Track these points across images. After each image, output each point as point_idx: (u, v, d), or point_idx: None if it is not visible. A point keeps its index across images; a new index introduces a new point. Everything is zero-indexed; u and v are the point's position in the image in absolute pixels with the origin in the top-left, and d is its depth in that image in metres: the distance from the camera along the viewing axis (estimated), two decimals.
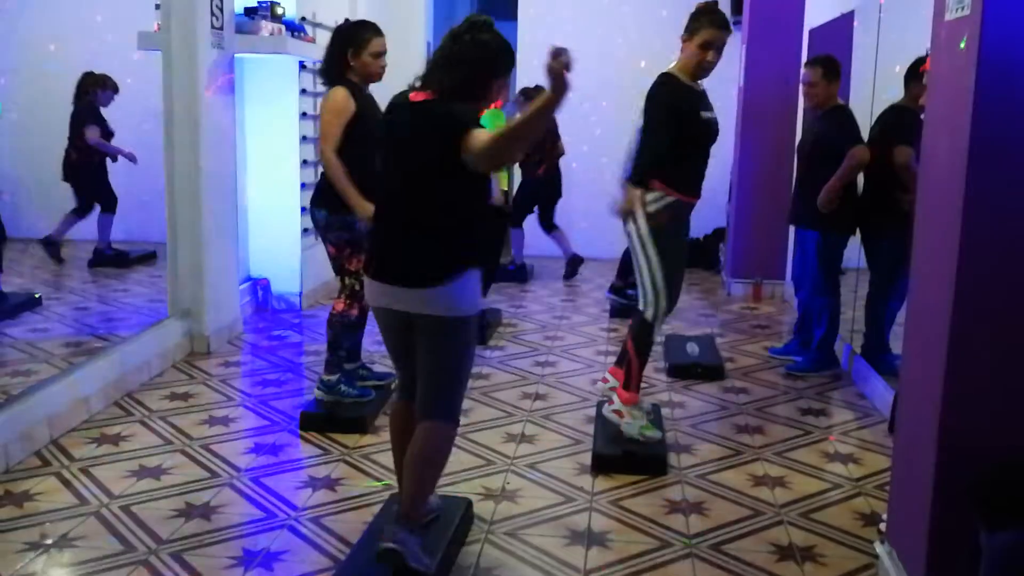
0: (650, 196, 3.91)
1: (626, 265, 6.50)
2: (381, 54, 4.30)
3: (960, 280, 2.57)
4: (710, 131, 4.03)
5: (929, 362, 2.73)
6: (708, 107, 4.05)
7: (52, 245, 6.71)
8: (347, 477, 3.79)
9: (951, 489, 2.63)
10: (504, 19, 10.72)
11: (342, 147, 4.14)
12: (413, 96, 2.90)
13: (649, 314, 4.01)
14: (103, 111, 6.69)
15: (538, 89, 7.39)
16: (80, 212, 6.74)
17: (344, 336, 4.47)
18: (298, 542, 3.24)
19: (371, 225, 3.12)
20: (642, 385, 4.20)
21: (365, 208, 3.92)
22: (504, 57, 2.86)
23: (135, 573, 3.00)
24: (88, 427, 4.25)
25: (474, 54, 2.80)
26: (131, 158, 6.69)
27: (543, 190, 7.92)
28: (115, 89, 6.63)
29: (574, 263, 8.10)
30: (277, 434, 4.26)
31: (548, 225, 8.04)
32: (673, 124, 3.91)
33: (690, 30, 4.01)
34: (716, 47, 3.95)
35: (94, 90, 6.61)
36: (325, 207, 4.26)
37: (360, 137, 4.11)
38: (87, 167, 6.70)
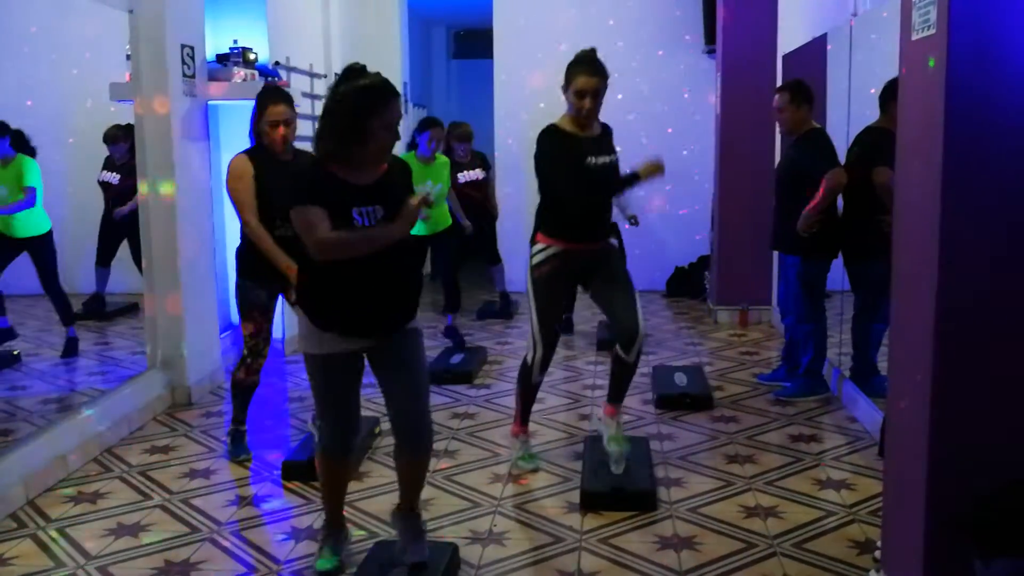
0: (533, 248, 4.09)
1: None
2: (277, 123, 4.17)
3: (940, 300, 2.53)
4: (593, 177, 3.98)
5: (915, 385, 2.69)
6: (598, 152, 4.03)
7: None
8: None
9: (944, 515, 2.58)
10: (480, 57, 10.79)
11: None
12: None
13: (528, 358, 4.18)
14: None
15: (459, 126, 7.46)
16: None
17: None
18: None
19: (315, 283, 3.07)
20: (526, 420, 4.38)
21: (292, 269, 3.71)
22: (361, 100, 2.91)
23: None
24: (65, 485, 4.16)
25: (331, 103, 2.96)
26: None
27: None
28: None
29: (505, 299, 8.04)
30: (259, 484, 4.18)
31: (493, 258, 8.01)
32: (548, 174, 4.01)
33: (566, 79, 4.04)
34: (590, 94, 3.94)
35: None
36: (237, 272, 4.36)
37: (261, 201, 4.13)
38: None
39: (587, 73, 3.97)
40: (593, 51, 4.09)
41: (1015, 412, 2.57)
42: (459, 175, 7.26)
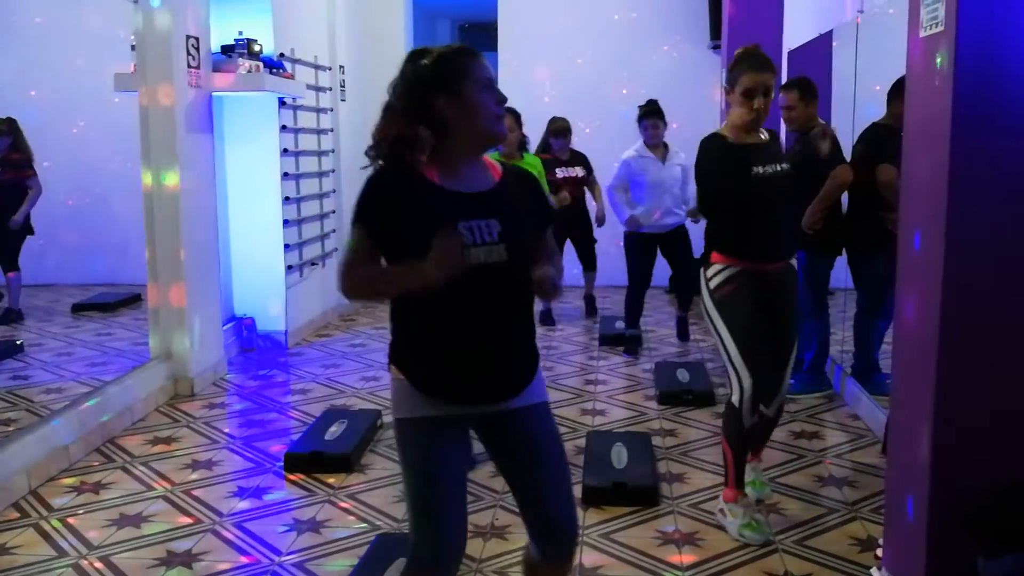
0: (710, 271, 3.57)
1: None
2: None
3: (945, 298, 2.53)
4: (764, 188, 3.48)
5: (918, 383, 2.69)
6: (765, 161, 3.52)
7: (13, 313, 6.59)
8: (332, 519, 3.71)
9: (946, 513, 2.58)
10: (485, 50, 10.79)
11: None
12: None
13: (734, 398, 3.51)
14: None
15: (556, 121, 7.22)
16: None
17: None
18: None
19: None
20: (741, 481, 3.64)
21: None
22: (423, 73, 2.24)
23: None
24: (68, 475, 4.16)
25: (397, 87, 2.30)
26: None
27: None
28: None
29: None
30: (262, 476, 4.18)
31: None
32: (707, 189, 3.56)
33: (730, 80, 3.55)
34: (761, 92, 3.44)
35: None
36: None
37: None
38: None
39: (755, 68, 3.45)
40: (756, 46, 3.60)
41: (1018, 410, 2.57)
42: (557, 170, 7.05)
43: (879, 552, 3.19)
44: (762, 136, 3.59)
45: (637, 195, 6.36)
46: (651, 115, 6.29)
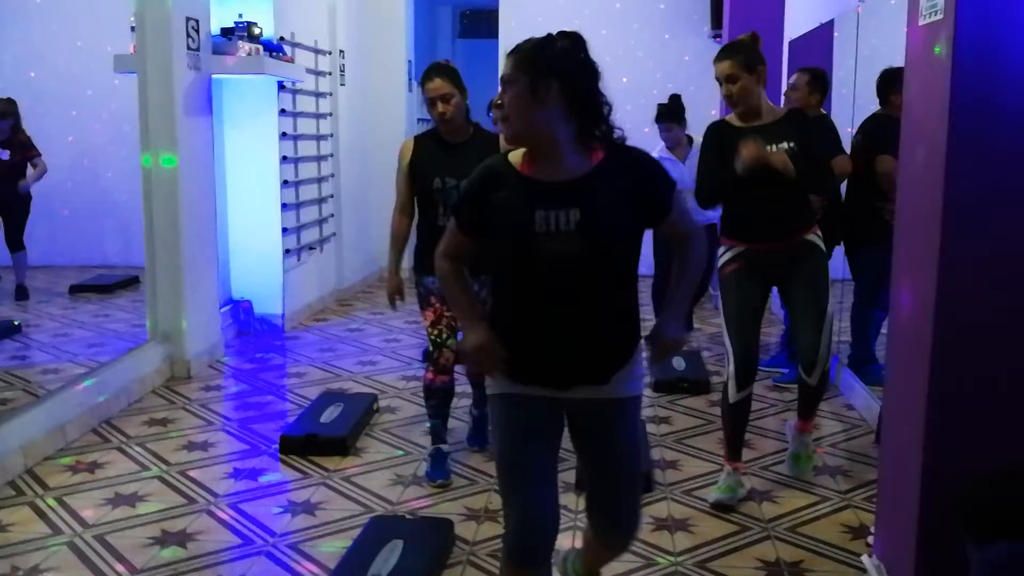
0: (719, 252, 3.78)
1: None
2: (433, 101, 3.74)
3: (941, 289, 2.53)
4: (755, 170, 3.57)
5: (912, 373, 2.69)
6: (782, 140, 3.61)
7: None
8: (327, 501, 3.73)
9: (938, 501, 2.59)
10: (486, 37, 10.73)
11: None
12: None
13: (726, 372, 3.75)
14: None
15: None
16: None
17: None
18: (275, 569, 3.17)
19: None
20: (732, 452, 3.81)
21: None
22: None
23: None
24: (64, 455, 4.17)
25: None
26: None
27: None
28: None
29: None
30: (257, 458, 4.19)
31: None
32: (715, 169, 3.64)
33: None
34: (723, 80, 3.64)
35: None
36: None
37: (421, 186, 3.82)
38: None
39: (716, 59, 3.71)
40: (750, 36, 3.77)
41: (1011, 401, 2.57)
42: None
43: (870, 540, 3.21)
44: (769, 118, 3.66)
45: None
46: (662, 118, 6.10)
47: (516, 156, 2.29)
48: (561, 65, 2.19)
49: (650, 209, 2.27)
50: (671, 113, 6.11)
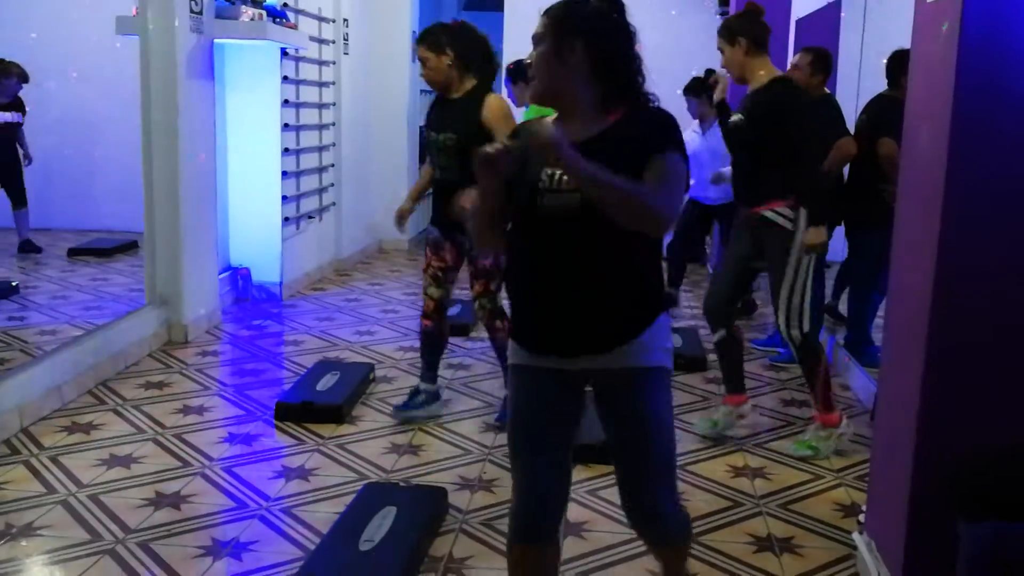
0: None
1: None
2: (423, 61, 4.05)
3: (940, 271, 2.52)
4: (728, 134, 4.05)
5: (908, 353, 2.69)
6: (739, 110, 4.01)
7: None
8: (321, 467, 3.74)
9: (929, 480, 2.60)
10: (491, 10, 10.65)
11: None
12: None
13: None
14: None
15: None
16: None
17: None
18: (268, 532, 3.19)
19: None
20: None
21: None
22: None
23: (101, 562, 2.94)
24: (60, 416, 4.18)
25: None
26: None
27: None
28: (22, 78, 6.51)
29: None
30: (252, 424, 4.20)
31: None
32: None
33: None
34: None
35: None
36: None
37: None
38: None
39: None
40: (751, 9, 4.13)
41: (1004, 382, 2.57)
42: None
43: (861, 518, 3.22)
44: (754, 86, 3.97)
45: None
46: (686, 92, 6.54)
47: (552, 118, 2.26)
48: (588, 25, 2.15)
49: (646, 157, 2.11)
50: (691, 88, 6.57)
